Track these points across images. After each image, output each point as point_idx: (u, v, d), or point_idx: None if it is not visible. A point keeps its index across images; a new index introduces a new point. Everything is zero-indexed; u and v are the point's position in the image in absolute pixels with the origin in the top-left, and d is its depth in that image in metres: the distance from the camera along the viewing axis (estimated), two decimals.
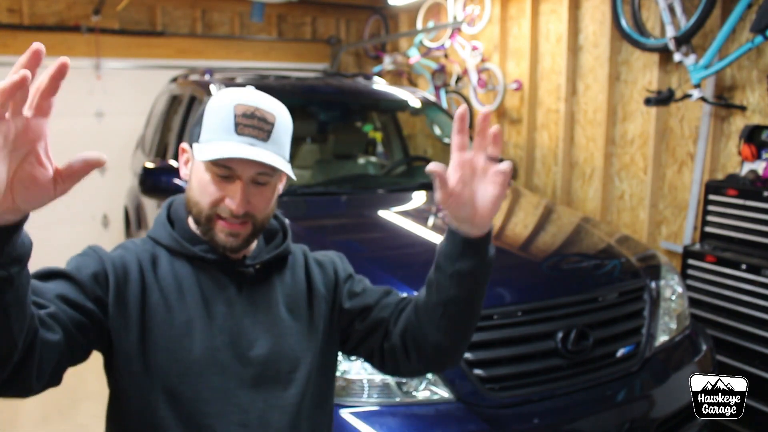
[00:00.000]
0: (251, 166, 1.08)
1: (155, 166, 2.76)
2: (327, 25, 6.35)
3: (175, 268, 1.14)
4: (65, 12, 5.25)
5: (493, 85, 4.57)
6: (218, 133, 1.08)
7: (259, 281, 1.19)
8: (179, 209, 1.21)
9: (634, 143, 3.78)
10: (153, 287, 1.12)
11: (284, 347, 1.17)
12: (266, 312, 1.17)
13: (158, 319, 1.10)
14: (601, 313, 2.08)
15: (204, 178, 1.11)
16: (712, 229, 2.99)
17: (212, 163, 1.08)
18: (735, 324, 2.79)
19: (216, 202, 1.10)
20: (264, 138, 1.08)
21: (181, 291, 1.13)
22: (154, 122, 4.34)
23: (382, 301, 1.24)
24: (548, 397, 1.89)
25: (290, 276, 1.24)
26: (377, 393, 1.78)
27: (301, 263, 1.28)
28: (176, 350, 1.09)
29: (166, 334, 1.09)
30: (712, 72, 3.07)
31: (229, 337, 1.13)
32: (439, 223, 2.66)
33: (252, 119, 1.07)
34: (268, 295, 1.19)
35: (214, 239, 1.12)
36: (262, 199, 1.12)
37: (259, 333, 1.15)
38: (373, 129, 4.57)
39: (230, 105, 1.09)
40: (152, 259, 1.15)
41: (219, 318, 1.13)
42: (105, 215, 5.61)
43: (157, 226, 1.20)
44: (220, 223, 1.11)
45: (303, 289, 1.24)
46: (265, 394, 1.14)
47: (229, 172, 1.09)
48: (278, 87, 3.40)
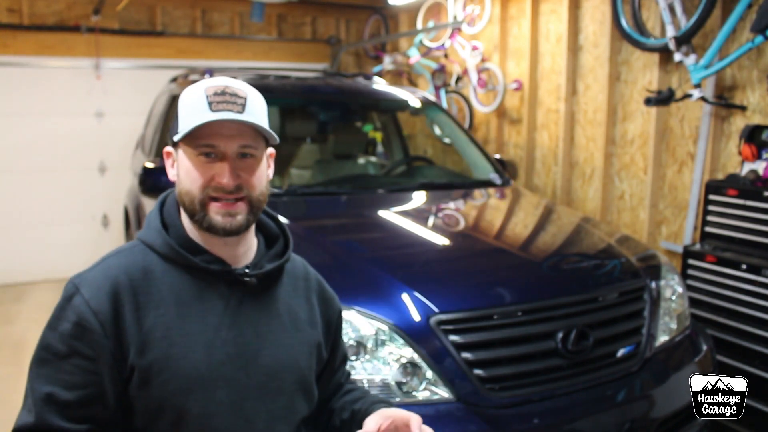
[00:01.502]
0: (234, 140, 1.08)
1: (155, 166, 2.76)
2: (327, 25, 6.34)
3: (171, 278, 1.11)
4: (65, 12, 5.25)
5: (493, 85, 4.57)
6: (193, 116, 1.08)
7: (261, 291, 1.17)
8: (172, 212, 1.17)
9: (635, 143, 3.77)
10: (148, 305, 1.08)
11: (288, 357, 1.16)
12: (268, 322, 1.16)
13: (158, 336, 1.06)
14: (601, 313, 2.08)
15: (190, 166, 1.10)
16: (713, 229, 2.99)
17: (195, 145, 1.08)
18: (735, 324, 2.78)
19: (206, 183, 1.09)
20: (239, 111, 1.08)
21: (179, 304, 1.09)
22: (153, 122, 4.34)
23: (337, 372, 1.37)
24: (548, 397, 1.89)
25: (291, 286, 1.23)
26: (377, 393, 1.78)
27: (303, 276, 1.27)
28: (179, 367, 1.06)
29: (167, 352, 1.06)
30: (712, 72, 3.06)
31: (233, 349, 1.10)
32: (438, 223, 2.65)
33: (223, 96, 1.08)
34: (271, 305, 1.17)
35: (211, 224, 1.09)
36: (251, 174, 1.11)
37: (263, 343, 1.13)
38: (373, 129, 4.57)
39: (200, 89, 1.09)
40: (144, 273, 1.10)
41: (222, 330, 1.10)
42: (105, 215, 5.60)
43: (151, 231, 1.15)
44: (214, 206, 1.09)
45: (305, 305, 1.23)
46: (270, 405, 1.13)
47: (213, 150, 1.08)
48: (278, 87, 3.39)
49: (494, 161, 3.38)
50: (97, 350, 1.04)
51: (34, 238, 5.35)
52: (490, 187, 3.17)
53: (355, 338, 1.79)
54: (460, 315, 1.87)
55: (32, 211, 5.32)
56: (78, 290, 1.07)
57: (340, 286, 1.94)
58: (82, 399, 1.03)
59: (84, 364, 1.04)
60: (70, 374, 1.03)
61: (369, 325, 1.81)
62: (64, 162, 5.36)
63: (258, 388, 1.11)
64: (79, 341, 1.04)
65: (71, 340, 1.04)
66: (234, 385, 1.09)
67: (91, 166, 5.49)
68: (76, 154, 5.38)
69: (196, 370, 1.07)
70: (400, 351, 1.80)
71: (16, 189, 5.24)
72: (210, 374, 1.07)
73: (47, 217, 5.39)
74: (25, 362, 1.11)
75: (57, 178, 5.36)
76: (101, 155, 5.51)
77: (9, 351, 3.90)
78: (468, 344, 1.84)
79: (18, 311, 4.66)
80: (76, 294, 1.07)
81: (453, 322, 1.85)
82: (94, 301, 1.05)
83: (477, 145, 3.49)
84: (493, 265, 2.31)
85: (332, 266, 2.06)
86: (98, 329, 1.04)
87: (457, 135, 3.65)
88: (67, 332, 1.04)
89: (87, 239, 5.48)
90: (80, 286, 1.08)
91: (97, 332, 1.04)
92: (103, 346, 1.04)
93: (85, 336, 1.04)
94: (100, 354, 1.04)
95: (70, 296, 1.07)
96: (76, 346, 1.04)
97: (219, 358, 1.09)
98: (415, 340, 1.80)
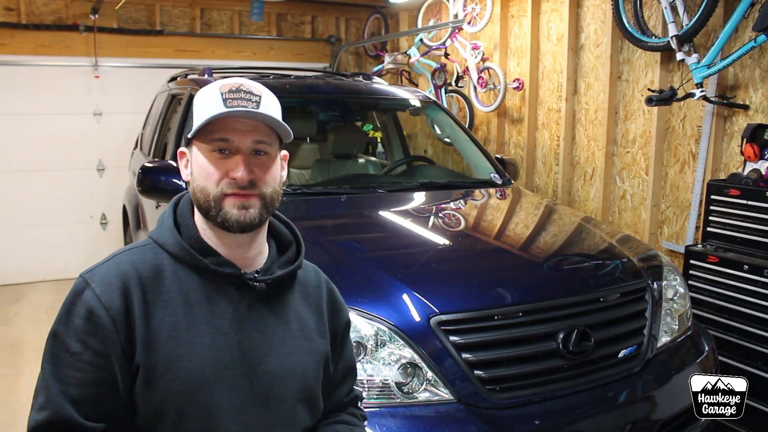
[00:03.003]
0: (247, 135, 1.09)
1: (154, 166, 2.74)
2: (327, 24, 6.33)
3: (181, 278, 1.10)
4: (63, 11, 5.23)
5: (494, 84, 4.55)
6: (207, 112, 1.08)
7: (271, 297, 1.16)
8: (185, 212, 1.16)
9: (636, 143, 3.76)
10: (156, 303, 1.07)
11: (294, 365, 1.14)
12: (276, 328, 1.14)
13: (164, 336, 1.05)
14: (602, 313, 2.07)
15: (204, 162, 1.10)
16: (715, 229, 2.98)
17: (209, 140, 1.08)
18: (737, 324, 2.77)
19: (220, 178, 1.09)
20: (254, 107, 1.08)
21: (188, 305, 1.08)
22: (152, 122, 4.32)
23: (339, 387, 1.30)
24: (549, 398, 1.88)
25: (301, 294, 1.21)
26: (377, 394, 1.77)
27: (314, 284, 1.26)
28: (184, 369, 1.05)
29: (172, 353, 1.05)
30: (714, 71, 3.05)
31: (238, 353, 1.09)
32: (439, 223, 2.64)
33: (238, 93, 1.08)
34: (279, 311, 1.16)
35: (225, 219, 1.09)
36: (264, 170, 1.11)
37: (269, 349, 1.12)
38: (373, 129, 4.56)
39: (215, 88, 1.10)
40: (155, 271, 1.09)
41: (229, 333, 1.09)
42: (103, 215, 5.59)
43: (163, 230, 1.14)
44: (228, 200, 1.09)
45: (314, 314, 1.22)
46: (273, 412, 1.11)
47: (227, 145, 1.08)
48: (278, 86, 3.38)
49: (495, 161, 3.37)
50: (108, 346, 1.03)
51: (32, 238, 5.33)
52: (491, 186, 3.16)
53: (355, 339, 1.78)
54: (461, 315, 1.86)
55: (30, 211, 5.30)
56: (89, 285, 1.06)
57: (340, 286, 1.92)
58: (96, 396, 1.03)
59: (96, 360, 1.03)
60: (82, 371, 1.02)
61: (369, 326, 1.79)
62: (62, 161, 5.34)
63: (261, 395, 1.10)
64: (92, 337, 1.03)
65: (84, 336, 1.03)
66: (237, 389, 1.08)
67: (89, 166, 5.48)
68: (74, 153, 5.37)
69: (200, 372, 1.05)
70: (401, 352, 1.78)
71: (14, 189, 5.22)
72: (214, 378, 1.06)
73: (45, 217, 5.37)
74: (23, 363, 1.09)
75: (55, 177, 5.34)
76: (100, 155, 5.49)
77: (6, 352, 3.88)
78: (468, 345, 1.83)
79: (15, 312, 4.63)
80: (86, 289, 1.06)
81: (453, 322, 1.84)
82: (105, 296, 1.04)
83: (477, 145, 3.48)
84: (494, 266, 2.30)
85: (332, 266, 2.04)
86: (110, 325, 1.03)
87: (458, 134, 3.63)
88: (79, 328, 1.03)
89: (85, 239, 5.46)
90: (91, 281, 1.06)
91: (109, 328, 1.03)
92: (114, 341, 1.03)
93: (97, 331, 1.03)
94: (112, 349, 1.03)
95: (81, 291, 1.06)
96: (89, 341, 1.03)
97: (224, 362, 1.07)
98: (415, 340, 1.79)
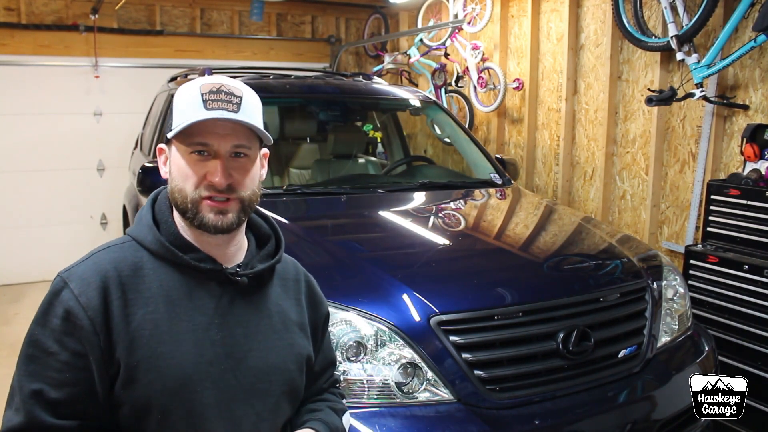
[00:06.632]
0: (227, 139, 1.08)
1: (154, 166, 2.74)
2: (327, 24, 6.33)
3: (161, 275, 1.09)
4: (63, 11, 5.23)
5: (494, 84, 4.55)
6: (187, 114, 1.07)
7: (252, 291, 1.15)
8: (164, 209, 1.15)
9: (636, 143, 3.76)
10: (137, 301, 1.06)
11: (277, 359, 1.14)
12: (258, 323, 1.14)
13: (146, 334, 1.04)
14: (602, 313, 2.06)
15: (183, 163, 1.09)
16: (714, 229, 2.98)
17: (188, 143, 1.07)
18: (737, 324, 2.77)
19: (199, 182, 1.08)
20: (234, 110, 1.07)
21: (169, 302, 1.07)
22: (152, 122, 4.32)
23: (319, 377, 1.31)
24: (549, 398, 1.88)
25: (281, 287, 1.21)
26: (377, 394, 1.76)
27: (293, 277, 1.25)
28: (167, 367, 1.04)
29: (155, 351, 1.04)
30: (714, 71, 3.05)
31: (222, 349, 1.08)
32: (439, 223, 2.64)
33: (219, 94, 1.07)
34: (261, 305, 1.16)
35: (202, 222, 1.08)
36: (243, 174, 1.10)
37: (252, 344, 1.12)
38: (373, 129, 4.55)
39: (196, 87, 1.08)
40: (134, 269, 1.08)
41: (212, 329, 1.09)
42: (104, 215, 5.59)
43: (142, 227, 1.13)
44: (206, 204, 1.08)
45: (295, 307, 1.22)
46: (258, 406, 1.11)
47: (206, 148, 1.07)
48: (278, 86, 3.38)
49: (495, 161, 3.36)
50: (86, 346, 1.02)
51: (32, 238, 5.33)
52: (491, 186, 3.15)
53: (355, 338, 1.78)
54: (461, 315, 1.86)
55: (30, 211, 5.30)
56: (66, 284, 1.05)
57: (340, 286, 1.92)
58: (73, 396, 1.02)
59: (74, 360, 1.02)
60: (59, 371, 1.01)
61: (369, 326, 1.79)
62: (63, 161, 5.34)
63: (246, 390, 1.10)
64: (69, 337, 1.02)
65: (61, 336, 1.02)
66: (222, 385, 1.08)
67: (89, 166, 5.48)
68: (74, 153, 5.37)
69: (183, 369, 1.05)
70: (401, 352, 1.78)
71: (14, 189, 5.22)
72: (198, 374, 1.06)
73: (45, 217, 5.37)
74: None
75: (55, 177, 5.34)
76: (100, 155, 5.49)
77: (6, 352, 3.89)
78: (469, 345, 1.82)
79: (15, 312, 4.65)
80: (64, 288, 1.05)
81: (453, 322, 1.84)
82: (84, 296, 1.03)
83: (477, 145, 3.48)
84: (493, 266, 2.30)
85: (332, 266, 2.05)
86: (88, 325, 1.02)
87: (458, 134, 3.63)
88: (57, 328, 1.02)
89: (85, 239, 5.46)
90: (69, 280, 1.05)
91: (87, 328, 1.02)
92: (92, 342, 1.02)
93: (75, 332, 1.02)
94: (90, 350, 1.02)
95: (59, 291, 1.05)
96: (65, 342, 1.02)
97: (207, 358, 1.07)
98: (415, 340, 1.79)
